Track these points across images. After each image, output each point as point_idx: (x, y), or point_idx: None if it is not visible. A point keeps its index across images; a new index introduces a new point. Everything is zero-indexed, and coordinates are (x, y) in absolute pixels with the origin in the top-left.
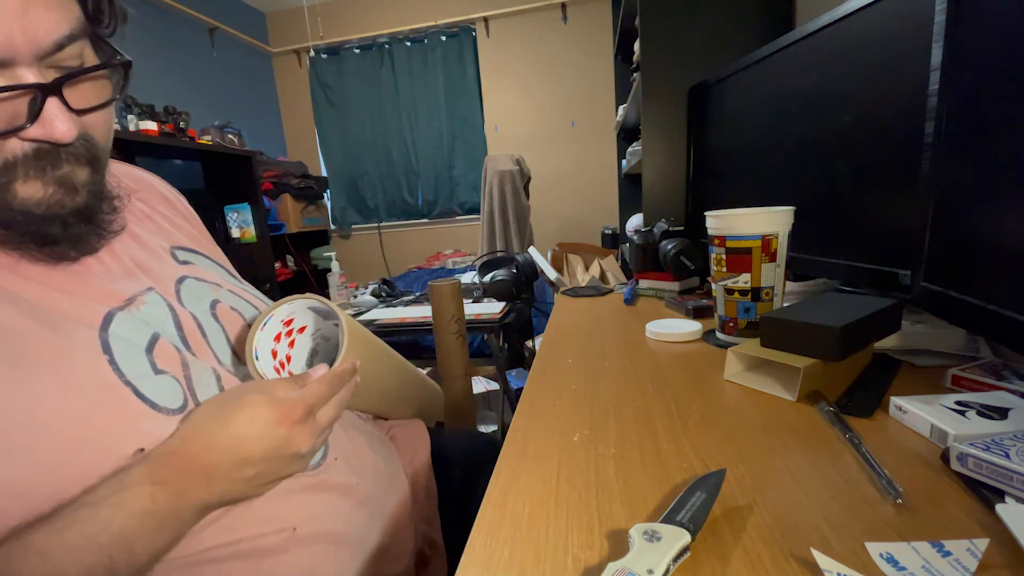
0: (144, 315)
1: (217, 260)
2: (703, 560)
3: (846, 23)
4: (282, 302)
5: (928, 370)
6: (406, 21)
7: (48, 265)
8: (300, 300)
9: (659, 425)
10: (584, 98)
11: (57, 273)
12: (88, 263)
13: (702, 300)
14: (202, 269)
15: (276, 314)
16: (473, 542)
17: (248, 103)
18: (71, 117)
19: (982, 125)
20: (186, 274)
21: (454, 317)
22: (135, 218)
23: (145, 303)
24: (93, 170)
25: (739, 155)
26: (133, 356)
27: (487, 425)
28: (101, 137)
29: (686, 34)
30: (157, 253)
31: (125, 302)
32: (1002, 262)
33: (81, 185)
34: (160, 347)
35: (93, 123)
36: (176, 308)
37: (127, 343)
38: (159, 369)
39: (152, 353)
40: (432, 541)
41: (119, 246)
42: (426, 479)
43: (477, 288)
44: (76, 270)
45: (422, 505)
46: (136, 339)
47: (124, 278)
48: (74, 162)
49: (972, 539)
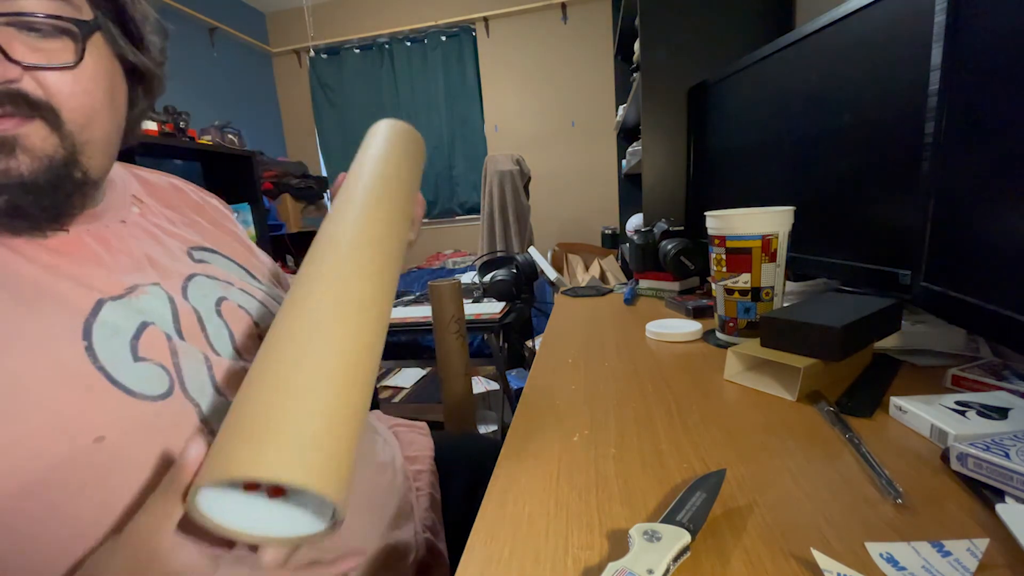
0: (140, 304)
1: (238, 261)
2: (703, 560)
3: (846, 23)
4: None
5: (928, 370)
6: (406, 21)
7: (56, 253)
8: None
9: (659, 425)
10: (584, 98)
11: (63, 260)
12: (97, 251)
13: (702, 300)
14: (217, 268)
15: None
16: (473, 542)
17: (248, 103)
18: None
19: (982, 125)
20: (198, 272)
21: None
22: (159, 221)
23: (146, 293)
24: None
25: (739, 155)
26: (114, 342)
27: (487, 425)
28: (70, 108)
29: (686, 34)
30: (173, 252)
31: (125, 291)
32: (1002, 262)
33: (23, 149)
34: (148, 334)
35: (57, 90)
36: (178, 302)
37: (112, 329)
38: (140, 356)
39: (139, 340)
40: (435, 550)
41: (135, 243)
42: (429, 485)
43: (477, 288)
44: (83, 256)
45: (425, 513)
46: (124, 326)
47: (132, 271)
48: (12, 115)
49: (972, 539)
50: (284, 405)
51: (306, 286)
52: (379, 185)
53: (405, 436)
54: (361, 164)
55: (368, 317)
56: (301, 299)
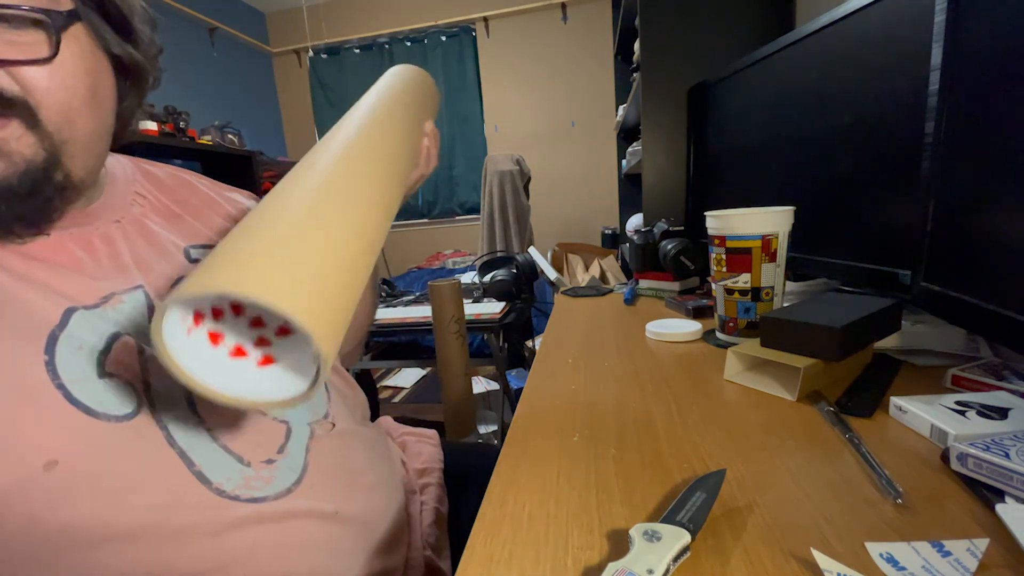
0: (115, 314)
1: None
2: (703, 560)
3: (846, 23)
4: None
5: (928, 370)
6: (406, 21)
7: (30, 259)
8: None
9: (659, 425)
10: (584, 98)
11: (37, 266)
12: (78, 257)
13: (702, 300)
14: None
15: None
16: (473, 542)
17: (248, 103)
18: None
19: (982, 125)
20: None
21: (454, 317)
22: (159, 219)
23: (122, 303)
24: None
25: (739, 155)
26: (78, 358)
27: (487, 425)
28: (47, 106)
29: (686, 34)
30: (166, 251)
31: (100, 300)
32: (1002, 262)
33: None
34: (119, 347)
35: (32, 86)
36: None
37: (77, 342)
38: (107, 372)
39: (107, 355)
40: (436, 569)
41: (124, 245)
42: (436, 499)
43: (477, 288)
44: (61, 262)
45: (428, 530)
46: (91, 340)
47: (113, 275)
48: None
49: (972, 539)
50: (276, 235)
51: (307, 162)
52: (374, 109)
53: (414, 447)
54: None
55: (372, 188)
56: (303, 169)
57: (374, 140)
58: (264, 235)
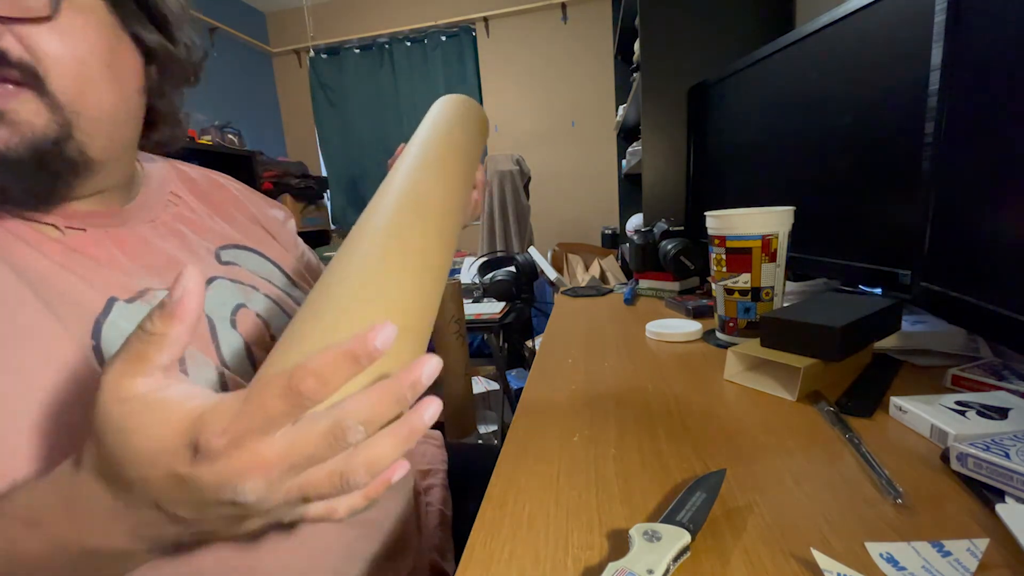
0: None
1: (274, 259)
2: (703, 560)
3: (846, 23)
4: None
5: (928, 370)
6: (406, 21)
7: (71, 251)
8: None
9: (659, 425)
10: (584, 98)
11: (77, 257)
12: (113, 253)
13: (702, 300)
14: (243, 270)
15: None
16: (473, 542)
17: (248, 103)
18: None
19: (982, 125)
20: (221, 275)
21: (454, 317)
22: (193, 219)
23: (157, 298)
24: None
25: (739, 155)
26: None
27: (487, 425)
28: (58, 74)
29: (686, 34)
30: (199, 254)
31: (136, 294)
32: (1002, 262)
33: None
34: None
35: (43, 52)
36: None
37: (120, 331)
38: None
39: None
40: (443, 573)
41: (158, 246)
42: (441, 502)
43: (477, 288)
44: (98, 257)
45: (434, 531)
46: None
47: (146, 274)
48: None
49: (972, 539)
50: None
51: (356, 240)
52: (431, 149)
53: (418, 447)
54: (415, 135)
55: (426, 265)
56: (353, 249)
57: (433, 221)
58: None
